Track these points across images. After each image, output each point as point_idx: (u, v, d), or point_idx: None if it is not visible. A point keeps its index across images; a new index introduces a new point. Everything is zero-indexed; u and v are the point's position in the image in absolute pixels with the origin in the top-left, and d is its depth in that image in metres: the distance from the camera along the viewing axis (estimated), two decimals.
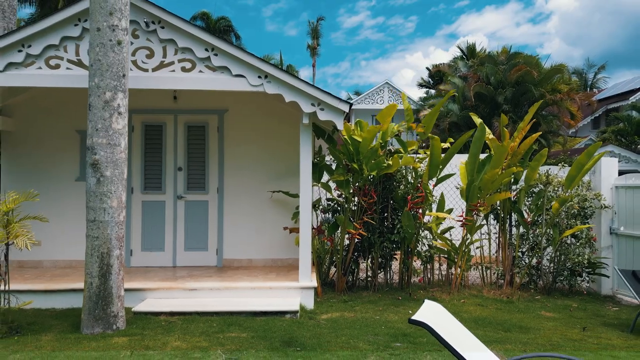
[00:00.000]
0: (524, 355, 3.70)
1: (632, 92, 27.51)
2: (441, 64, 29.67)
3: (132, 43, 5.85)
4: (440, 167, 7.24)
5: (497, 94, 18.02)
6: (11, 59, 5.79)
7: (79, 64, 5.87)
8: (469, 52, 27.90)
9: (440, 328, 2.95)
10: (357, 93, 41.78)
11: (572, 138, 25.81)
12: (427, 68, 33.16)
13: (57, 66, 5.86)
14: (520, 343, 4.92)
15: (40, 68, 5.85)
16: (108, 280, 5.07)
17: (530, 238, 7.75)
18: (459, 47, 28.10)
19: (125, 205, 5.27)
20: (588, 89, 40.03)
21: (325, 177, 7.36)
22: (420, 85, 32.81)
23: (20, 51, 5.79)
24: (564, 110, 18.26)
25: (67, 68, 5.87)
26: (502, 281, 7.66)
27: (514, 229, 7.95)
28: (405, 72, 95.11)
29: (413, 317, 2.87)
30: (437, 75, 30.76)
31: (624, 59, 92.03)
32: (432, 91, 31.42)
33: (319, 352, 4.51)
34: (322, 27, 46.09)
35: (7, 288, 5.16)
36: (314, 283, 6.28)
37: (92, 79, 5.09)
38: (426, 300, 3.30)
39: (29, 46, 5.79)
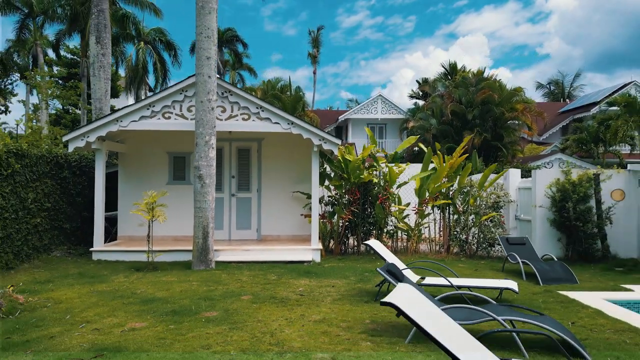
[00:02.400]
0: (417, 260, 7.78)
1: (594, 104, 31.51)
2: (427, 80, 33.79)
3: None
4: (397, 178, 11.34)
5: (467, 112, 22.10)
6: (142, 114, 9.90)
7: (182, 116, 9.97)
8: (452, 69, 32.02)
9: (377, 247, 7.03)
10: (357, 102, 45.85)
11: (538, 146, 29.84)
12: (417, 81, 37.23)
13: (169, 117, 9.97)
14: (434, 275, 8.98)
15: (159, 119, 9.95)
16: (207, 240, 9.16)
17: (462, 221, 11.81)
18: (442, 66, 32.22)
19: (214, 199, 9.37)
20: (562, 98, 44.12)
21: (326, 182, 11.46)
22: (411, 97, 36.92)
23: (148, 109, 9.90)
24: (523, 124, 22.35)
25: (175, 119, 9.97)
26: (442, 250, 11.75)
27: (451, 216, 12.03)
28: (405, 72, 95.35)
29: (364, 242, 6.95)
30: (428, 85, 34.84)
31: (625, 59, 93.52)
32: (421, 102, 35.47)
33: (324, 276, 8.58)
34: (322, 35, 50.00)
35: (151, 248, 9.24)
36: (320, 247, 10.36)
37: (198, 128, 9.18)
38: (372, 239, 7.38)
39: (153, 106, 9.90)
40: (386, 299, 3.33)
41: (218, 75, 9.84)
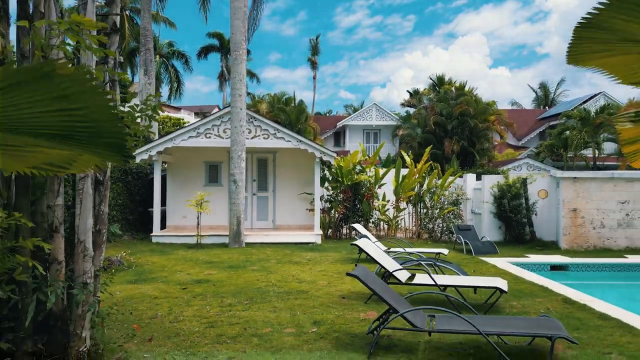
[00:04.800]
0: (389, 238, 11.34)
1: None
2: (417, 90, 37.43)
3: None
4: (381, 180, 14.94)
5: (447, 123, 25.70)
6: (190, 135, 13.47)
7: (219, 136, 13.54)
8: (439, 81, 35.62)
9: (358, 227, 10.60)
10: (355, 110, 49.45)
11: (516, 150, 33.42)
12: (409, 91, 40.85)
13: (209, 137, 13.54)
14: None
15: (202, 138, 13.52)
16: (239, 226, 12.73)
17: (429, 214, 15.38)
18: (430, 78, 35.84)
19: (244, 197, 12.94)
20: (544, 104, 47.63)
21: (325, 184, 15.04)
22: (403, 105, 40.55)
23: (194, 131, 13.48)
24: (494, 133, 25.95)
25: (214, 138, 13.54)
26: (414, 236, 15.32)
27: (421, 210, 15.60)
28: (405, 72, 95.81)
29: (351, 224, 10.51)
30: (415, 98, 38.44)
31: None
32: (412, 110, 39.05)
33: (324, 251, 12.14)
34: (321, 37, 53.24)
35: (200, 233, 12.81)
36: (321, 233, 13.92)
37: (232, 146, 12.74)
38: (356, 224, 10.95)
39: (198, 129, 13.47)
40: (352, 243, 6.89)
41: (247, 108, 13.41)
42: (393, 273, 6.51)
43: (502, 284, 6.27)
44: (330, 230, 15.15)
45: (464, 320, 4.66)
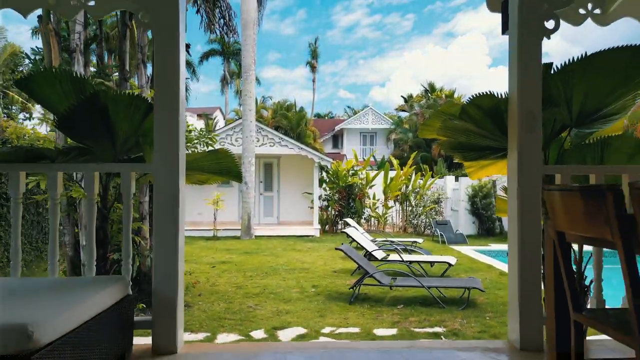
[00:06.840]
0: (375, 230, 13.57)
1: None
2: (410, 95, 39.71)
3: None
4: (371, 182, 17.19)
5: None
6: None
7: (232, 144, 15.77)
8: (431, 88, 37.88)
9: (349, 221, 12.84)
10: (355, 111, 51.75)
11: None
12: (403, 97, 43.11)
13: (223, 145, 15.74)
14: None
15: (217, 146, 15.73)
16: (250, 221, 14.97)
17: (414, 211, 17.60)
18: (422, 85, 38.11)
19: (254, 196, 15.18)
20: None
21: (323, 185, 17.28)
22: (397, 110, 42.80)
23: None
24: None
25: (227, 146, 15.75)
26: (401, 230, 17.55)
27: (407, 208, 17.84)
28: (404, 71, 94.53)
29: (345, 219, 12.75)
30: (408, 104, 40.74)
31: None
32: (406, 114, 41.31)
33: (322, 242, 14.37)
34: (319, 38, 55.27)
35: (215, 227, 15.04)
36: (319, 227, 16.15)
37: (244, 153, 14.98)
38: (349, 219, 13.20)
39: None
40: (343, 230, 9.13)
41: (256, 121, 15.64)
42: (372, 252, 8.75)
43: (452, 260, 8.50)
44: (327, 225, 17.37)
45: (415, 279, 6.91)
